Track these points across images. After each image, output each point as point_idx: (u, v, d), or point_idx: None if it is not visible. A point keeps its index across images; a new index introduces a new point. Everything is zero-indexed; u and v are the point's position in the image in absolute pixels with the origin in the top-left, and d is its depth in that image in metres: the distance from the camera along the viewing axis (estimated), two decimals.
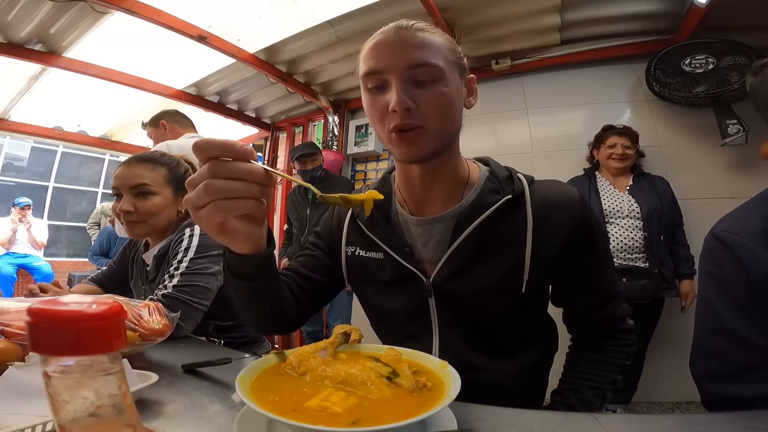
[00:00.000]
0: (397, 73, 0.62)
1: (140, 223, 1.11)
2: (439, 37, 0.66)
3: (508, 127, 2.82)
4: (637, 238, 2.02)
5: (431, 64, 0.63)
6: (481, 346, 0.72)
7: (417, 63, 0.62)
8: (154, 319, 0.75)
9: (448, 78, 0.65)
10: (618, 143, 2.15)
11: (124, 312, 0.22)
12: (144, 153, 1.20)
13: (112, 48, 2.61)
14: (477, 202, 0.70)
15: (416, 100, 0.63)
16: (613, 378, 0.72)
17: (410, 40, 0.63)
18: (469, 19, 2.51)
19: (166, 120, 2.22)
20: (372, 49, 0.65)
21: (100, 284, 1.34)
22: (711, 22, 2.23)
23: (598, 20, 2.51)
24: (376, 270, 0.76)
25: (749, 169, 2.30)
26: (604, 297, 0.73)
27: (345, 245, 0.80)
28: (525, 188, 0.70)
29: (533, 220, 0.68)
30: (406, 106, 0.62)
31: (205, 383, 0.64)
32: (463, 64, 0.69)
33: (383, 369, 0.50)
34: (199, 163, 0.46)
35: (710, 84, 2.23)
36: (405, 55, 0.62)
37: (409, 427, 0.37)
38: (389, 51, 0.63)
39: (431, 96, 0.63)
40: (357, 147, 3.35)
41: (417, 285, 0.72)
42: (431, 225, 0.73)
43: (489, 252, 0.69)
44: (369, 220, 0.75)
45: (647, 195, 2.08)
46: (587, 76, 2.70)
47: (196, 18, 2.37)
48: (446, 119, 0.66)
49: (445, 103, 0.65)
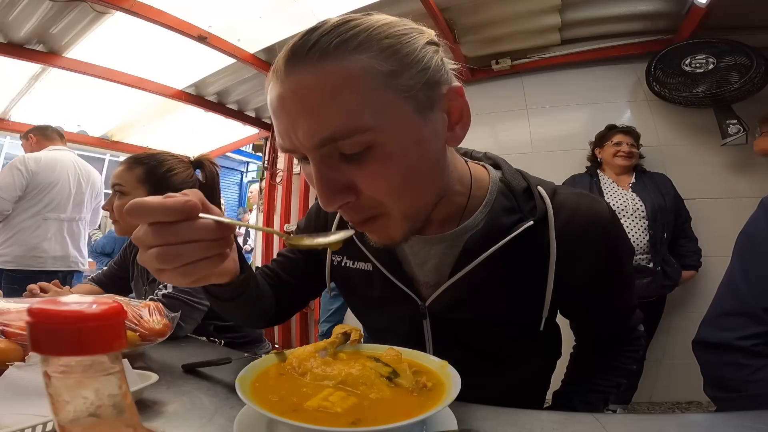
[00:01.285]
0: (310, 154, 0.44)
1: (117, 222, 1.13)
2: (365, 55, 0.41)
3: (508, 127, 2.81)
4: (642, 237, 2.03)
5: (350, 130, 0.41)
6: (478, 367, 0.64)
7: (326, 137, 0.42)
8: (154, 319, 0.75)
9: (392, 132, 0.43)
10: (624, 141, 2.17)
11: (125, 312, 0.22)
12: (135, 153, 1.20)
13: (112, 48, 2.61)
14: (489, 226, 0.58)
15: (351, 184, 0.45)
16: (619, 382, 0.70)
17: (309, 93, 0.41)
18: (469, 19, 2.50)
19: (34, 134, 2.52)
20: (270, 106, 0.46)
21: (101, 284, 1.35)
22: (711, 22, 2.22)
23: (598, 20, 2.51)
24: (364, 283, 0.67)
25: (749, 169, 2.30)
26: (621, 314, 0.70)
27: (331, 254, 0.70)
28: (549, 210, 0.57)
29: (557, 250, 0.56)
30: (336, 205, 0.45)
31: (205, 383, 0.64)
32: (429, 80, 0.45)
33: (383, 369, 0.50)
34: None
35: (710, 84, 2.23)
36: (305, 125, 0.42)
37: (409, 427, 0.37)
38: (286, 117, 0.43)
39: (370, 176, 0.45)
40: None
41: (410, 306, 0.63)
42: (428, 245, 0.61)
43: (502, 284, 0.59)
44: None
45: (650, 192, 2.09)
46: (587, 76, 2.69)
47: (197, 18, 2.36)
48: (408, 195, 0.48)
49: (397, 179, 0.45)
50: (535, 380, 0.73)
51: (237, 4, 2.33)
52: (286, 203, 3.87)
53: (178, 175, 1.17)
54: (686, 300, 2.22)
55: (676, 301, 2.19)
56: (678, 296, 2.16)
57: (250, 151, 10.01)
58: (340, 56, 0.41)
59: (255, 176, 9.40)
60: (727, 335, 0.67)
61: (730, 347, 0.67)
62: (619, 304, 0.68)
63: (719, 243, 2.05)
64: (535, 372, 0.72)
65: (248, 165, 10.77)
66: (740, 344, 0.66)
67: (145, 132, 3.98)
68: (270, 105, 0.46)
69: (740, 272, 0.70)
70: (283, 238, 0.44)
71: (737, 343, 0.66)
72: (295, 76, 0.42)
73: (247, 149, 9.86)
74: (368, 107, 0.41)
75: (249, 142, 5.03)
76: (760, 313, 0.65)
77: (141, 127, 3.90)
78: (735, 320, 0.68)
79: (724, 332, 0.68)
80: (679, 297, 2.18)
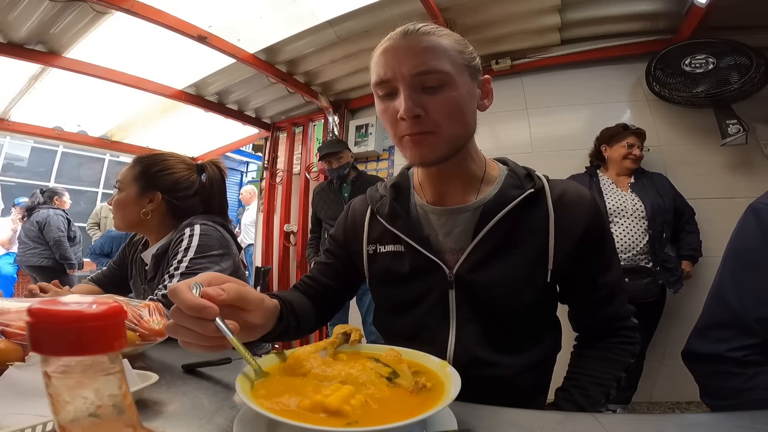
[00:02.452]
0: (405, 80, 0.63)
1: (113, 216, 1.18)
2: (447, 39, 0.66)
3: (508, 126, 2.82)
4: (641, 238, 2.03)
5: (438, 70, 0.63)
6: (496, 340, 0.72)
7: (423, 70, 0.63)
8: (154, 319, 0.75)
9: (457, 82, 0.65)
10: (636, 144, 2.16)
11: (125, 312, 0.22)
12: (141, 154, 1.22)
13: (112, 48, 2.61)
14: (500, 195, 0.72)
15: (425, 106, 0.63)
16: (618, 376, 0.72)
17: (416, 46, 0.64)
18: (469, 19, 2.51)
19: None
20: (380, 56, 0.66)
21: (100, 284, 1.34)
22: (711, 22, 2.23)
23: (598, 20, 2.51)
24: (396, 263, 0.76)
25: (749, 169, 2.30)
26: (610, 292, 0.74)
27: (367, 244, 0.80)
28: (545, 184, 0.73)
29: (554, 213, 0.70)
30: (413, 114, 0.63)
31: (205, 383, 0.64)
32: (475, 64, 0.70)
33: (383, 369, 0.50)
34: None
35: (710, 84, 2.23)
36: (411, 62, 0.63)
37: (409, 427, 0.37)
38: (396, 58, 0.64)
39: (440, 102, 0.64)
40: (357, 147, 3.34)
41: (438, 276, 0.73)
42: (454, 215, 0.74)
43: (514, 242, 0.70)
44: (389, 213, 0.76)
45: (649, 193, 2.09)
46: (587, 76, 2.70)
47: (196, 18, 2.36)
48: (457, 124, 0.67)
49: (455, 108, 0.65)
50: (542, 366, 0.78)
51: (237, 3, 2.33)
52: (286, 203, 3.88)
53: (172, 175, 1.19)
54: (686, 300, 2.21)
55: (675, 301, 2.18)
56: (677, 297, 2.16)
57: (250, 151, 10.01)
58: (437, 36, 0.65)
59: (255, 176, 9.40)
60: (717, 347, 0.68)
61: (721, 358, 0.67)
62: (607, 281, 0.73)
63: (719, 243, 2.04)
64: (544, 356, 0.77)
65: (248, 165, 10.78)
66: (731, 355, 0.66)
67: (146, 132, 3.98)
68: (380, 53, 0.66)
69: (730, 283, 0.71)
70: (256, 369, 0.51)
71: (728, 354, 0.66)
72: (408, 39, 0.64)
73: (247, 149, 9.87)
74: (448, 62, 0.64)
75: (249, 142, 5.04)
76: (752, 324, 0.65)
77: (141, 127, 3.90)
78: (725, 332, 0.68)
79: (714, 344, 0.69)
80: (679, 297, 2.18)
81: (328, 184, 2.85)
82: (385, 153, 3.40)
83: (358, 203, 0.86)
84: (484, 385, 0.54)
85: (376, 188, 0.82)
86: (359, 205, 0.85)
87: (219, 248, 1.10)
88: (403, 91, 0.63)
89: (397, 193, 0.79)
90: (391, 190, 0.78)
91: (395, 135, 0.68)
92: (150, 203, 1.16)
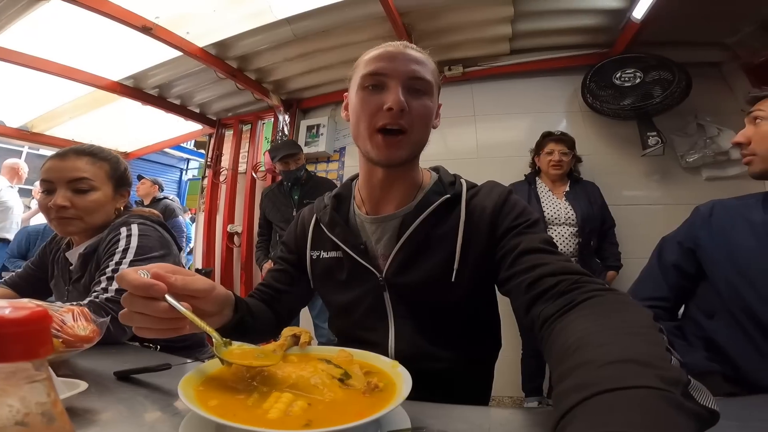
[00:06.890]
0: (400, 78, 0.71)
1: (75, 219, 1.02)
2: (431, 62, 0.77)
3: (456, 132, 2.90)
4: (571, 244, 2.13)
5: (426, 79, 0.73)
6: (431, 336, 0.77)
7: (417, 75, 0.72)
8: (79, 325, 0.69)
9: (433, 94, 0.75)
10: (555, 150, 2.22)
11: (50, 317, 0.21)
12: (82, 146, 1.10)
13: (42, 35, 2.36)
14: (422, 203, 0.77)
15: (410, 105, 0.71)
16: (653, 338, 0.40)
17: (414, 56, 0.73)
18: (426, 25, 2.56)
19: None
20: (379, 54, 0.73)
21: (16, 287, 1.21)
22: (644, 37, 2.38)
23: (546, 32, 2.63)
24: (336, 269, 0.82)
25: (665, 178, 2.54)
26: (546, 248, 0.65)
27: (310, 250, 0.85)
28: (463, 189, 0.78)
29: (465, 215, 0.75)
30: (402, 107, 0.69)
31: (142, 390, 0.60)
32: (440, 87, 0.79)
33: (335, 371, 0.50)
34: None
35: (636, 97, 2.39)
36: (409, 66, 0.72)
37: (362, 427, 0.37)
38: (395, 59, 0.72)
39: (420, 106, 0.72)
40: (308, 147, 3.28)
41: (372, 280, 0.78)
42: (384, 223, 0.79)
43: (429, 246, 0.76)
44: (329, 222, 0.81)
45: (581, 201, 2.19)
46: (532, 85, 2.84)
47: (143, 8, 2.21)
48: (424, 130, 0.74)
49: (427, 115, 0.74)
50: (481, 363, 0.83)
51: None
52: (230, 203, 3.72)
53: (127, 170, 1.16)
54: None
55: None
56: None
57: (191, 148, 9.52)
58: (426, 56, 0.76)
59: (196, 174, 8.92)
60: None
61: None
62: (539, 244, 0.66)
63: (639, 246, 2.19)
64: (482, 354, 0.83)
65: (188, 162, 10.24)
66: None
67: (73, 124, 3.64)
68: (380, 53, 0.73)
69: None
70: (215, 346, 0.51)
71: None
72: (408, 49, 0.74)
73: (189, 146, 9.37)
74: (432, 77, 0.75)
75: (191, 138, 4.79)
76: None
77: (68, 119, 3.56)
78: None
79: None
80: None
81: (277, 186, 2.77)
82: (335, 154, 3.37)
83: (307, 211, 0.91)
84: (427, 378, 0.55)
85: (323, 198, 0.88)
86: (307, 213, 0.90)
87: (160, 249, 1.04)
88: (397, 86, 0.70)
89: (338, 203, 0.85)
90: (333, 200, 0.85)
91: (369, 126, 0.72)
92: (122, 199, 1.13)
